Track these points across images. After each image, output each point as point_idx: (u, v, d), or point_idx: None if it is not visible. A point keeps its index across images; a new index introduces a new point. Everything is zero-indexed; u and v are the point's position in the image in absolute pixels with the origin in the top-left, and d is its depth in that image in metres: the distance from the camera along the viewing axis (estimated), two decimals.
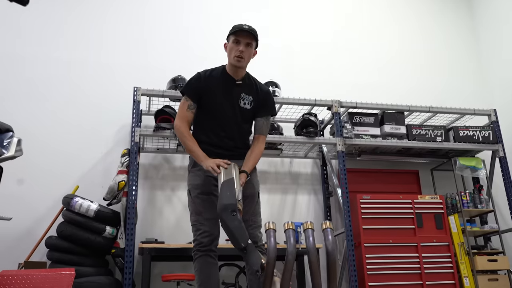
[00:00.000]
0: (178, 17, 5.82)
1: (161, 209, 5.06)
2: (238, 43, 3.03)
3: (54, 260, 4.23)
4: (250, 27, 3.09)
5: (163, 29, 5.73)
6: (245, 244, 2.30)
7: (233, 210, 2.38)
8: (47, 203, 4.69)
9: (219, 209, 2.42)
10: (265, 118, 3.14)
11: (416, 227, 4.85)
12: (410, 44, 6.48)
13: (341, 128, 5.06)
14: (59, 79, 5.21)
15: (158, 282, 4.50)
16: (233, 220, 2.35)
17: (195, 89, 3.09)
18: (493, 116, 5.55)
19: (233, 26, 3.12)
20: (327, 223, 2.16)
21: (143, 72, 5.36)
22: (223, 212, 2.38)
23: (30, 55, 5.21)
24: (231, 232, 2.33)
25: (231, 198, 2.44)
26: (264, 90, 3.19)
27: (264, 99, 3.14)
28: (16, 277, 2.61)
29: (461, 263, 4.93)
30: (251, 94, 3.10)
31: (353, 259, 4.57)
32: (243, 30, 3.04)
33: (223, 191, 2.52)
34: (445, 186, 5.67)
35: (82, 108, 5.16)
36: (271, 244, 2.07)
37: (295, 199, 5.43)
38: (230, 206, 2.39)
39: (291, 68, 5.86)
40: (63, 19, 5.45)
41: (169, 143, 5.09)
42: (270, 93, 3.24)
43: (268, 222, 2.14)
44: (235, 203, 2.41)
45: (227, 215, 2.36)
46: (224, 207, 2.39)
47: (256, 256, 2.26)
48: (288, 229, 2.11)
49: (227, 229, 2.35)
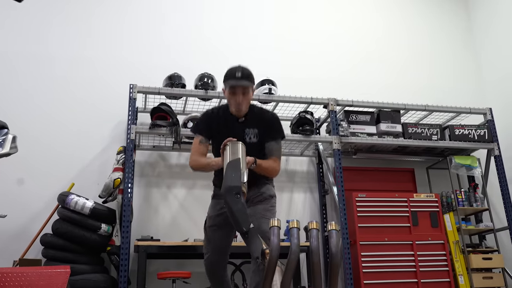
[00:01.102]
0: (174, 14, 5.80)
1: (157, 206, 5.05)
2: (234, 93, 2.91)
3: (49, 258, 4.22)
4: (243, 72, 2.92)
5: (159, 26, 5.71)
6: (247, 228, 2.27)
7: (237, 193, 2.34)
8: (42, 201, 4.67)
9: (223, 190, 2.40)
10: (274, 141, 3.02)
11: (411, 225, 4.87)
12: (407, 43, 6.49)
13: (337, 126, 5.06)
14: (55, 77, 5.19)
15: (153, 280, 4.50)
16: (236, 203, 2.32)
17: (203, 128, 3.05)
18: (488, 115, 5.57)
19: (226, 73, 2.96)
20: (333, 224, 2.15)
21: (139, 70, 5.34)
22: (227, 193, 2.35)
23: (25, 53, 5.18)
24: (234, 215, 2.30)
25: (236, 180, 2.40)
26: (268, 117, 3.09)
27: (269, 125, 3.04)
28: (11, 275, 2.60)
29: (456, 261, 4.95)
30: (255, 126, 3.00)
31: (349, 257, 4.58)
32: (237, 80, 2.90)
33: (228, 172, 2.48)
34: (440, 184, 5.69)
35: (77, 106, 5.14)
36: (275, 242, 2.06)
37: (291, 197, 5.44)
38: (235, 189, 2.35)
39: (287, 66, 5.86)
40: (59, 17, 5.43)
41: (165, 140, 5.08)
42: (275, 118, 3.13)
43: (273, 219, 2.12)
44: (239, 186, 2.38)
45: (231, 197, 2.33)
46: (228, 189, 2.36)
47: (257, 242, 2.23)
48: (293, 227, 2.09)
49: (230, 211, 2.33)
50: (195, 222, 4.91)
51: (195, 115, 5.01)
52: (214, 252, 3.00)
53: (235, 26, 5.95)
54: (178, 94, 4.94)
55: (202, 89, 4.92)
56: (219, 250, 3.00)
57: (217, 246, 2.99)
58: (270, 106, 5.29)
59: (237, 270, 4.56)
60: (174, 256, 4.77)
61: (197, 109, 5.24)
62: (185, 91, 4.93)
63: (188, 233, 4.76)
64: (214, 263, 3.02)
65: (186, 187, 5.16)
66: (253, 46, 5.89)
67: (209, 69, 5.11)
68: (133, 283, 4.36)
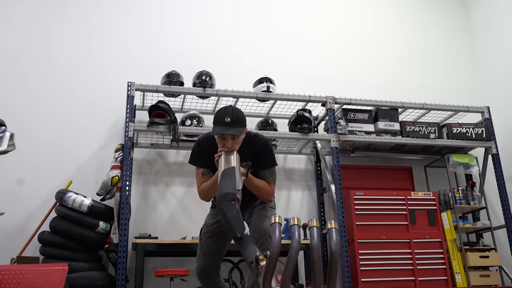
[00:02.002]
0: (173, 12, 5.79)
1: (155, 204, 5.05)
2: (223, 139, 2.77)
3: (47, 255, 4.22)
4: (233, 117, 2.73)
5: (158, 24, 5.70)
6: (241, 234, 2.29)
7: (232, 199, 2.36)
8: (40, 198, 4.66)
9: (218, 197, 2.41)
10: (267, 170, 2.97)
11: (409, 223, 4.88)
12: (405, 42, 6.49)
13: (335, 124, 5.07)
14: (52, 74, 5.18)
15: (151, 278, 4.50)
16: (231, 210, 2.34)
17: (199, 158, 2.99)
18: (486, 114, 5.58)
19: (215, 115, 2.78)
20: (332, 223, 2.15)
21: (137, 67, 5.34)
22: (222, 200, 2.36)
23: (23, 50, 5.17)
24: (228, 221, 2.32)
25: (231, 187, 2.43)
26: (258, 146, 2.95)
27: (261, 155, 2.95)
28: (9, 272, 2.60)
29: (453, 259, 4.96)
30: (248, 159, 2.92)
31: (346, 255, 4.59)
32: (225, 128, 2.72)
33: (223, 179, 2.51)
34: (438, 182, 5.70)
35: (75, 103, 5.13)
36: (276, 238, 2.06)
37: (289, 195, 5.44)
38: (230, 195, 2.37)
39: (286, 64, 5.86)
40: (57, 15, 5.41)
41: (163, 138, 5.08)
42: (265, 145, 2.98)
43: (274, 216, 2.13)
44: (234, 193, 2.40)
45: (226, 204, 2.34)
46: (223, 196, 2.38)
47: (251, 248, 2.25)
48: (294, 225, 2.10)
49: (224, 217, 2.35)
50: (193, 220, 4.92)
51: (193, 113, 5.01)
52: (206, 258, 3.01)
53: (233, 24, 5.95)
54: (176, 92, 4.94)
55: (200, 87, 4.91)
56: (210, 256, 3.01)
57: (210, 252, 3.00)
58: (268, 104, 5.29)
59: (235, 268, 4.57)
60: (172, 254, 4.78)
61: (195, 107, 5.24)
62: (183, 89, 4.92)
63: (186, 231, 4.77)
64: (206, 270, 3.03)
65: (184, 185, 5.16)
66: (251, 43, 5.90)
67: (207, 67, 5.10)
68: (131, 281, 4.37)
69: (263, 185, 2.92)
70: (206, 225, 3.07)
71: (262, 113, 5.46)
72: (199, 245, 3.07)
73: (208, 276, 3.05)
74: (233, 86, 4.94)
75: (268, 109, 5.39)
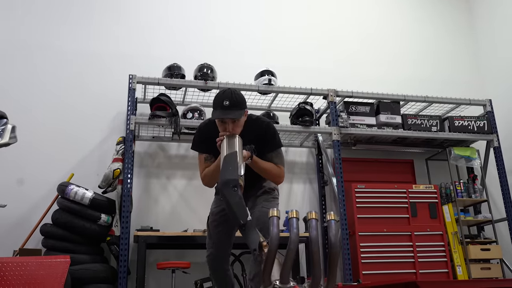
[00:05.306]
0: (175, 5, 5.77)
1: (157, 197, 5.06)
2: (223, 122, 2.72)
3: (49, 248, 4.23)
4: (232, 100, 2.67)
5: (159, 17, 5.68)
6: (244, 221, 2.26)
7: (234, 186, 2.34)
8: (42, 191, 4.67)
9: (220, 184, 2.39)
10: (273, 152, 2.90)
11: (410, 216, 4.88)
12: (407, 35, 6.47)
13: (336, 117, 5.06)
14: (55, 67, 5.17)
15: (153, 270, 4.52)
16: (234, 196, 2.31)
17: (201, 143, 2.97)
18: (488, 106, 5.57)
19: (214, 99, 2.74)
20: (332, 214, 2.15)
21: (138, 60, 5.33)
22: (224, 187, 2.34)
23: (24, 43, 5.16)
24: (231, 208, 2.30)
25: (233, 173, 2.39)
26: (261, 129, 2.90)
27: (265, 138, 2.88)
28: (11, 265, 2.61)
29: (454, 252, 4.97)
30: (251, 142, 2.81)
31: (348, 248, 4.60)
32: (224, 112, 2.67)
33: (225, 165, 2.48)
34: (439, 175, 5.70)
35: (77, 96, 5.13)
36: (274, 231, 2.06)
37: (291, 188, 5.44)
38: (232, 182, 2.34)
39: (287, 57, 5.83)
40: (58, 8, 5.39)
41: (165, 131, 5.08)
42: (269, 127, 2.92)
43: (272, 209, 2.12)
44: (237, 178, 2.37)
45: (229, 190, 2.32)
46: (226, 182, 2.35)
47: (254, 235, 2.23)
48: (292, 217, 2.09)
49: (227, 204, 2.33)
50: (194, 212, 4.93)
51: (195, 105, 5.00)
52: (216, 247, 3.00)
53: (234, 17, 5.93)
54: (177, 85, 4.93)
55: (201, 79, 4.91)
56: (220, 245, 3.00)
57: (219, 241, 2.99)
58: (270, 97, 5.28)
59: (236, 261, 4.58)
60: (174, 246, 4.79)
61: (196, 99, 5.23)
62: (184, 82, 4.92)
63: (188, 223, 4.78)
64: (217, 259, 3.02)
65: (185, 178, 5.16)
66: (252, 36, 5.88)
67: (208, 60, 5.09)
68: (132, 273, 4.38)
69: (270, 167, 2.86)
70: (212, 214, 3.05)
71: (264, 106, 5.45)
72: (208, 234, 3.06)
73: (220, 264, 3.04)
74: (235, 79, 4.93)
75: (270, 102, 5.38)
